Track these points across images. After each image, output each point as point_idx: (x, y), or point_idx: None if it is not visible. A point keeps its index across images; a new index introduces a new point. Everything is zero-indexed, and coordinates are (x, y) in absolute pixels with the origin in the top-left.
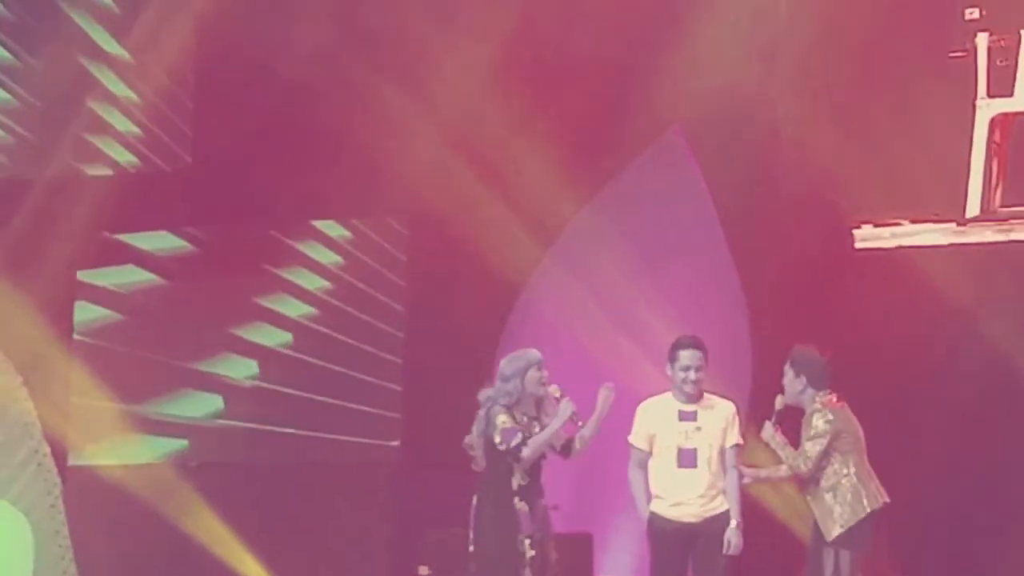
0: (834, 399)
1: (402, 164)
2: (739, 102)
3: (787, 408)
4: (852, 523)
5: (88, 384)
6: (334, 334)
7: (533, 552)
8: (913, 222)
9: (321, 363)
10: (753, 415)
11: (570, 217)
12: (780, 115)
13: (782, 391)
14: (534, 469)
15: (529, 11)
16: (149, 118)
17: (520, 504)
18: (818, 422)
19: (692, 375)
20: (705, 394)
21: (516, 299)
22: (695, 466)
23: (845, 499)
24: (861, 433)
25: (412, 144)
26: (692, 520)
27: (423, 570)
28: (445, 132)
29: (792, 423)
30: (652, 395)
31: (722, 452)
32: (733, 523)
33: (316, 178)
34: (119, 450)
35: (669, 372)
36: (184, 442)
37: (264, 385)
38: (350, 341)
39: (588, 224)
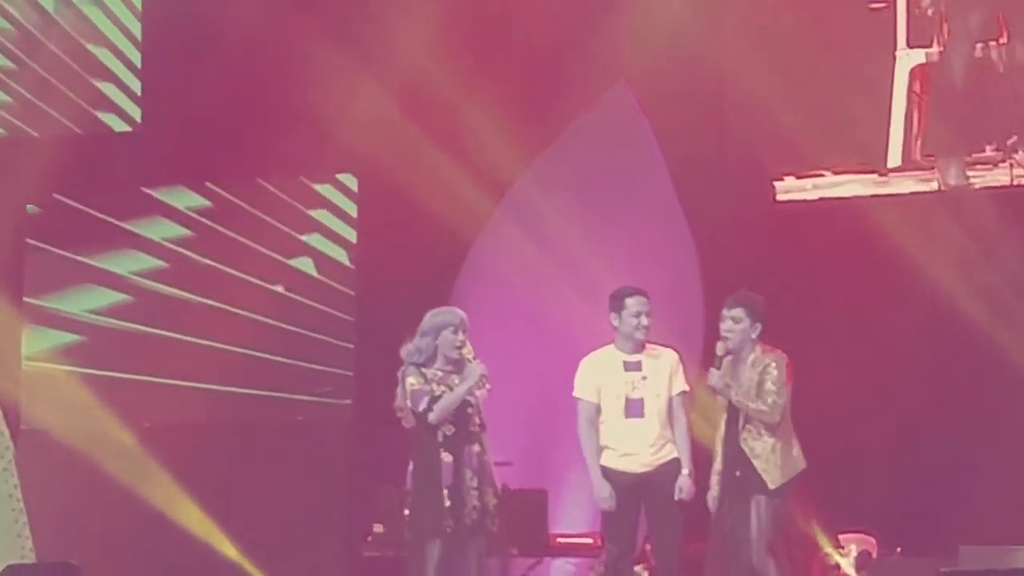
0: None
1: (350, 122)
2: (686, 54)
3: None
4: (789, 476)
5: (40, 347)
6: (285, 292)
7: (450, 502)
8: (835, 173)
9: (272, 322)
10: (706, 365)
11: (520, 171)
12: (726, 66)
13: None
14: (461, 417)
15: None
16: (97, 79)
17: (445, 456)
18: (777, 371)
19: (644, 320)
20: (647, 344)
21: (466, 254)
22: (643, 415)
23: (787, 451)
24: None
25: (360, 102)
26: (642, 470)
27: (377, 528)
28: (393, 89)
29: None
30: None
31: (669, 401)
32: (685, 471)
33: (264, 137)
34: (73, 414)
35: (616, 323)
36: (138, 403)
37: (216, 345)
38: (301, 299)
39: (538, 178)
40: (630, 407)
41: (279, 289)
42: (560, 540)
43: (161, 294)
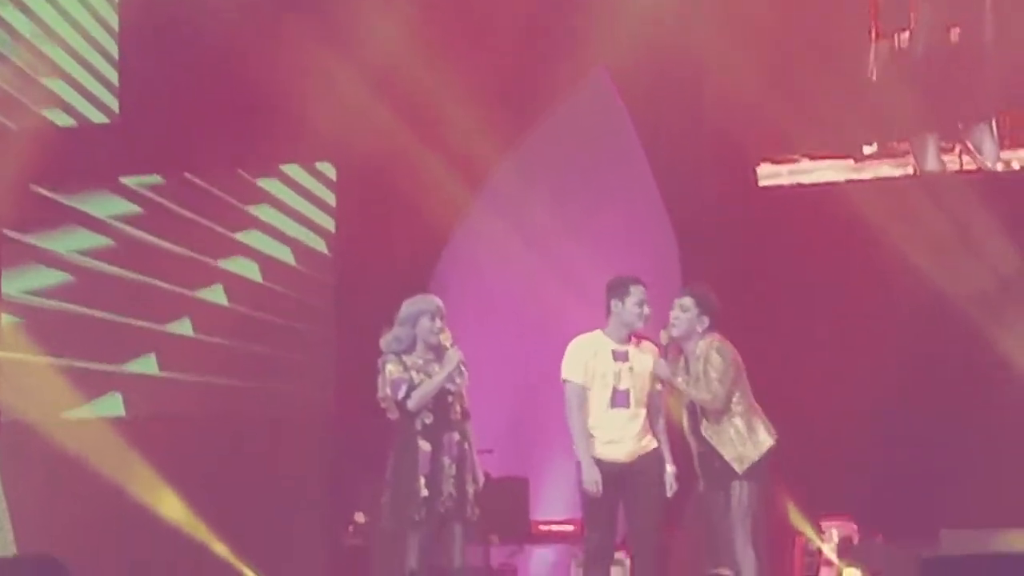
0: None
1: (329, 112)
2: (664, 41)
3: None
4: (756, 457)
5: (17, 339)
6: (266, 284)
7: (427, 491)
8: (811, 159)
9: (253, 313)
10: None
11: (498, 160)
12: (704, 53)
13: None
14: (440, 405)
15: None
16: (75, 70)
17: (423, 444)
18: (719, 357)
19: (646, 309)
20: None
21: (446, 243)
22: (628, 406)
23: (750, 433)
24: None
25: (338, 91)
26: (624, 459)
27: (359, 517)
28: (371, 79)
29: None
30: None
31: (651, 394)
32: (671, 467)
33: (242, 127)
34: (52, 405)
35: (616, 308)
36: (118, 395)
37: (198, 337)
38: (281, 290)
39: (516, 167)
40: (616, 397)
41: None
42: (541, 527)
43: (136, 283)
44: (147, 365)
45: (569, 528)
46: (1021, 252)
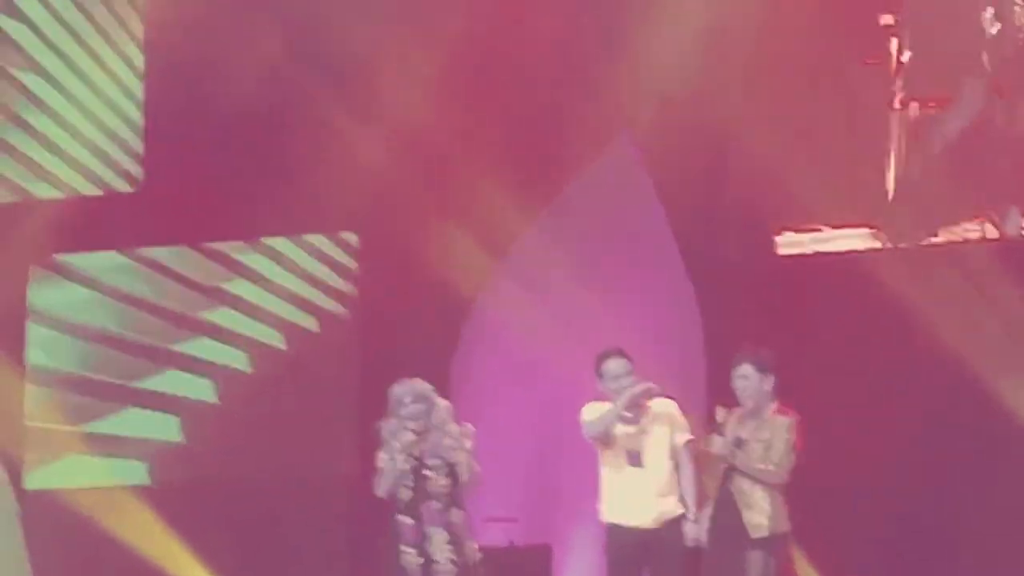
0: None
1: (352, 180)
2: (688, 109)
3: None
4: (771, 533)
5: (42, 406)
6: (289, 351)
7: (421, 560)
8: (833, 227)
9: (276, 382)
10: (709, 418)
11: (522, 228)
12: (727, 119)
13: (733, 395)
14: (419, 481)
15: (474, 19)
16: (99, 138)
17: (403, 518)
18: (788, 433)
19: (624, 382)
20: None
21: (469, 312)
22: (642, 466)
23: (777, 510)
24: None
25: (362, 160)
26: (649, 526)
27: None
28: (395, 147)
29: None
30: None
31: (673, 451)
32: (691, 516)
33: (266, 195)
34: (76, 473)
35: (602, 388)
36: (141, 463)
37: (219, 404)
38: (304, 358)
39: (539, 235)
40: (631, 458)
41: None
42: None
43: (159, 349)
44: (170, 432)
45: None
46: None
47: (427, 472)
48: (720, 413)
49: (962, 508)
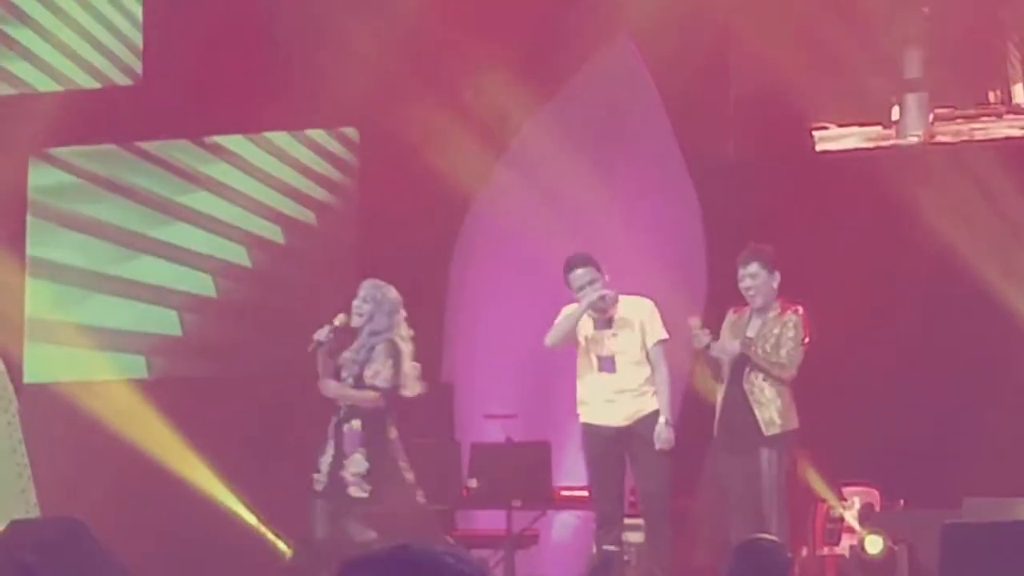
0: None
1: (353, 76)
2: (689, 6)
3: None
4: (782, 430)
5: (43, 299)
6: (289, 245)
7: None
8: (839, 126)
9: (278, 274)
10: (710, 313)
11: (521, 125)
12: (729, 18)
13: (733, 292)
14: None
15: None
16: (99, 31)
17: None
18: (796, 330)
19: (590, 289)
20: (621, 297)
21: (469, 208)
22: (614, 371)
23: (788, 407)
24: None
25: (363, 56)
26: (623, 423)
27: None
28: (395, 43)
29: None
30: None
31: (645, 352)
32: (662, 418)
33: (268, 90)
34: (75, 366)
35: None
36: (140, 357)
37: (220, 298)
38: (304, 252)
39: (539, 131)
40: (602, 363)
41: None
42: (564, 493)
43: (159, 243)
44: (169, 325)
45: None
46: None
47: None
48: (730, 315)
49: (966, 405)
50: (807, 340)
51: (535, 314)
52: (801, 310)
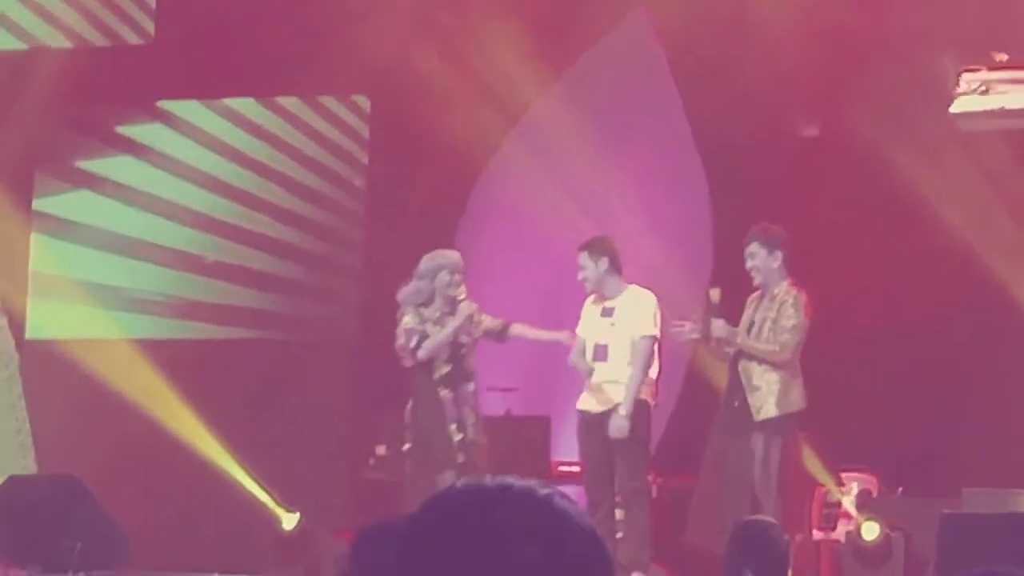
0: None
1: (367, 44)
2: None
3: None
4: (776, 414)
5: (48, 255)
6: (297, 211)
7: (461, 435)
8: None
9: (284, 239)
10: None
11: (533, 99)
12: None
13: (740, 272)
14: (456, 357)
15: None
16: None
17: (444, 392)
18: (797, 312)
19: (584, 274)
20: (629, 287)
21: (477, 178)
22: (606, 360)
23: (784, 390)
24: None
25: (376, 25)
26: (600, 408)
27: (380, 450)
28: (408, 12)
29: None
30: None
31: (635, 343)
32: (622, 411)
33: (280, 55)
34: (77, 324)
35: None
36: (144, 316)
37: (225, 261)
38: (313, 219)
39: (550, 104)
40: (596, 352)
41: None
42: (561, 468)
43: (166, 203)
44: (173, 287)
45: None
46: None
47: (463, 350)
48: (714, 294)
49: (970, 395)
50: (808, 322)
51: (539, 286)
52: (804, 294)
